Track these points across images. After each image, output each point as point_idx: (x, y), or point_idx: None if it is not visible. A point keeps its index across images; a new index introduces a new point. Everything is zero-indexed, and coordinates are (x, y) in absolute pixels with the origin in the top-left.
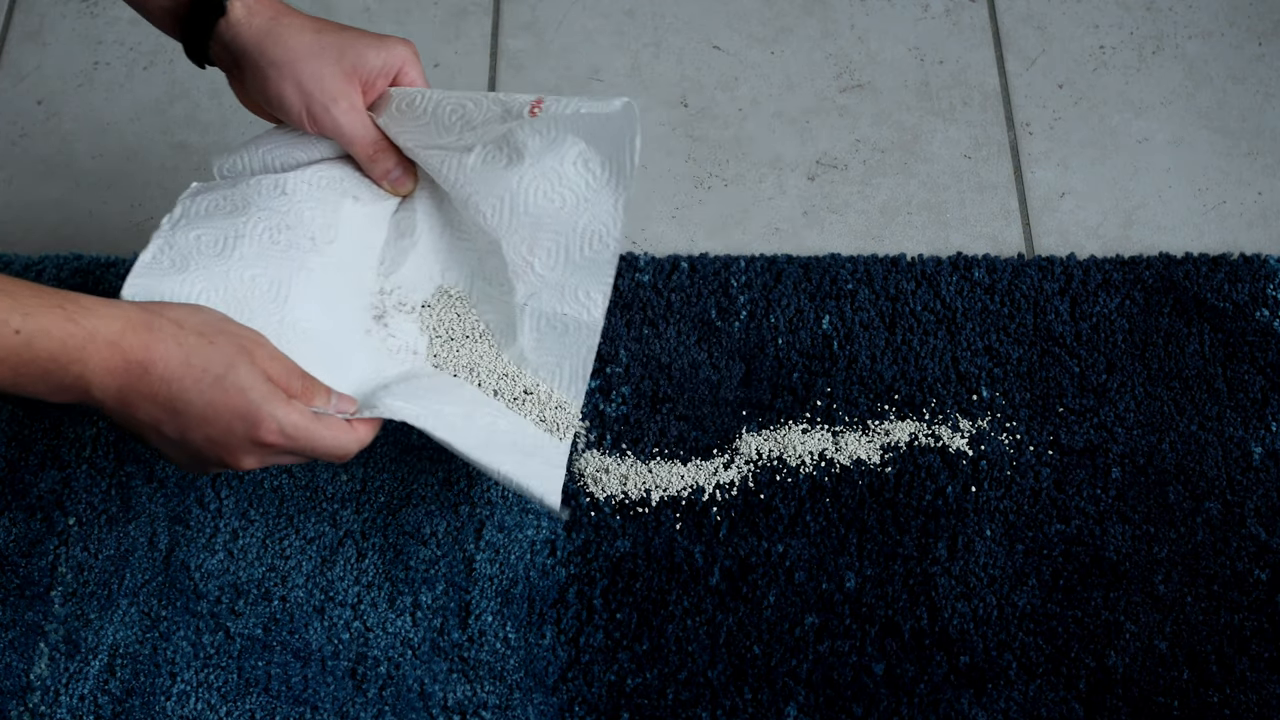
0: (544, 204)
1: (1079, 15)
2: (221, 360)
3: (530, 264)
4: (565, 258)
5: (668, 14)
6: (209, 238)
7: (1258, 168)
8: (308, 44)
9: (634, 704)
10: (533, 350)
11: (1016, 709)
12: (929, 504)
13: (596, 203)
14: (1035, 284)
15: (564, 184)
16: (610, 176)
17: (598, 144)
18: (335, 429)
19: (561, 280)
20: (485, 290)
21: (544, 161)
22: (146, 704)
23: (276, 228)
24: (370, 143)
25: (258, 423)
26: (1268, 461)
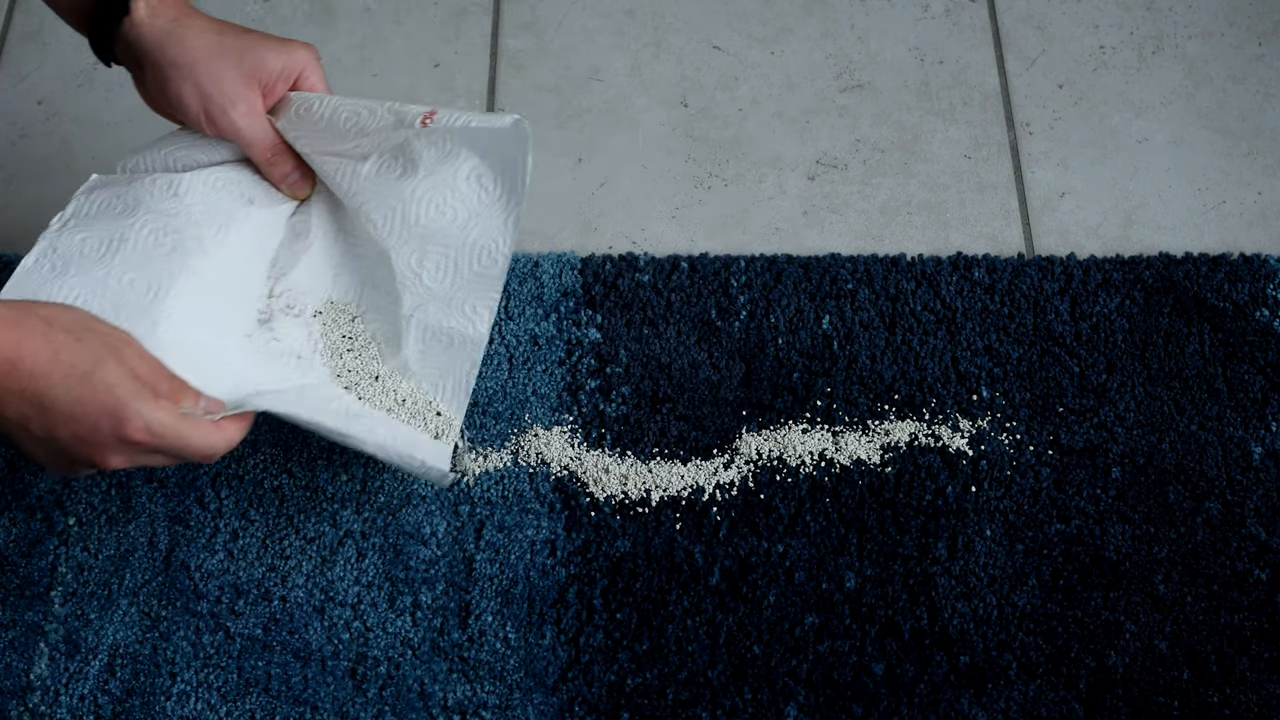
0: (435, 217)
1: (1079, 15)
2: (89, 357)
3: (418, 276)
4: (454, 271)
5: (668, 14)
6: (94, 241)
7: (1258, 168)
8: (208, 45)
9: (634, 704)
10: (417, 362)
11: (1016, 709)
12: (929, 504)
13: (488, 218)
14: (1035, 284)
15: (456, 198)
16: (502, 193)
17: (491, 160)
18: (202, 429)
19: (449, 294)
20: (374, 299)
21: (437, 174)
22: (146, 704)
23: (163, 230)
24: (268, 146)
25: (124, 420)
26: (1268, 461)
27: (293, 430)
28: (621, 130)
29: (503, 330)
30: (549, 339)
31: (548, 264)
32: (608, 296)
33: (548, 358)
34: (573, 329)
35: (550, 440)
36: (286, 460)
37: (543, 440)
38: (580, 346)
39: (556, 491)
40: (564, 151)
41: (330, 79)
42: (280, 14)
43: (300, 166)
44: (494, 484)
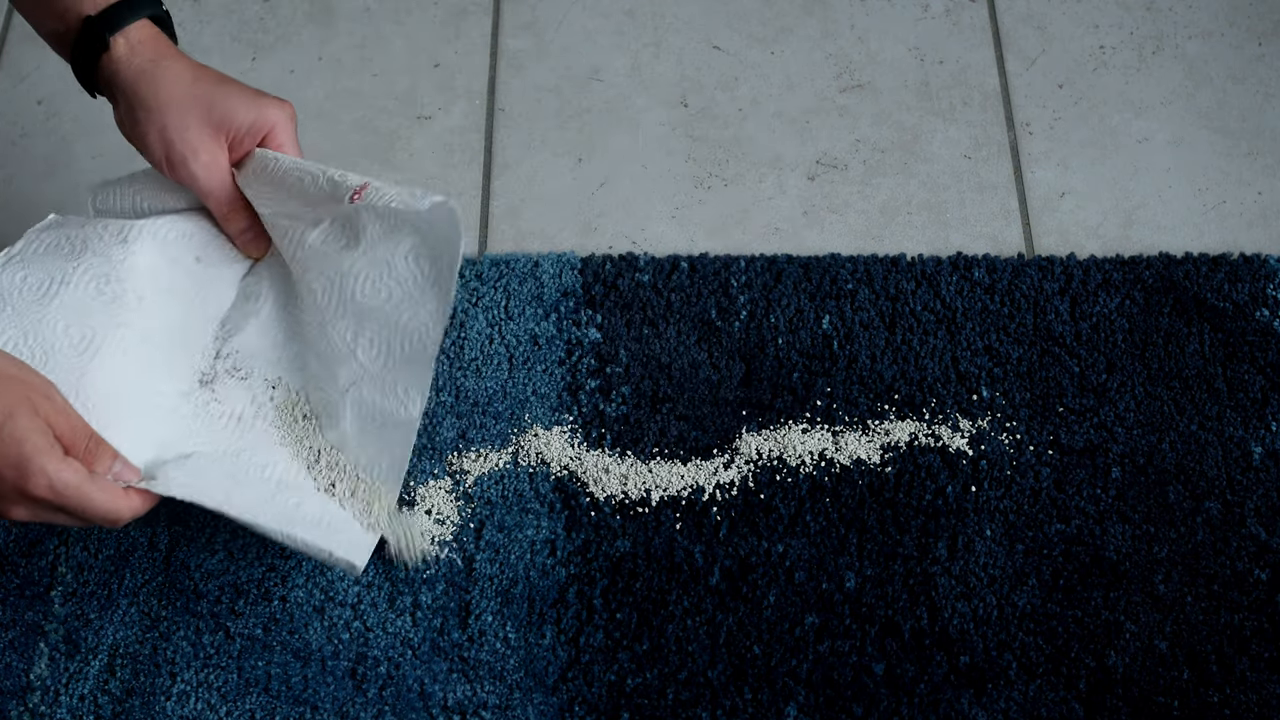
0: (371, 294)
1: (1079, 15)
2: (2, 408)
3: (354, 351)
4: (387, 351)
5: (668, 14)
6: (34, 280)
7: (1258, 168)
8: (179, 92)
9: (634, 704)
10: (354, 437)
11: (1016, 709)
12: (929, 504)
13: (421, 302)
14: (1035, 284)
15: (393, 276)
16: (437, 276)
17: (429, 241)
18: (110, 493)
19: (382, 373)
20: (316, 369)
21: (378, 250)
22: (146, 704)
23: (105, 278)
24: (224, 200)
25: (28, 475)
26: (1268, 461)
27: None
28: (621, 130)
29: (503, 330)
30: (549, 339)
31: (548, 264)
32: (608, 296)
33: (548, 358)
34: (573, 329)
35: (550, 440)
36: None
37: (543, 440)
38: (580, 346)
39: (556, 491)
40: (564, 151)
41: (330, 79)
42: (280, 14)
43: (256, 224)
44: (494, 484)
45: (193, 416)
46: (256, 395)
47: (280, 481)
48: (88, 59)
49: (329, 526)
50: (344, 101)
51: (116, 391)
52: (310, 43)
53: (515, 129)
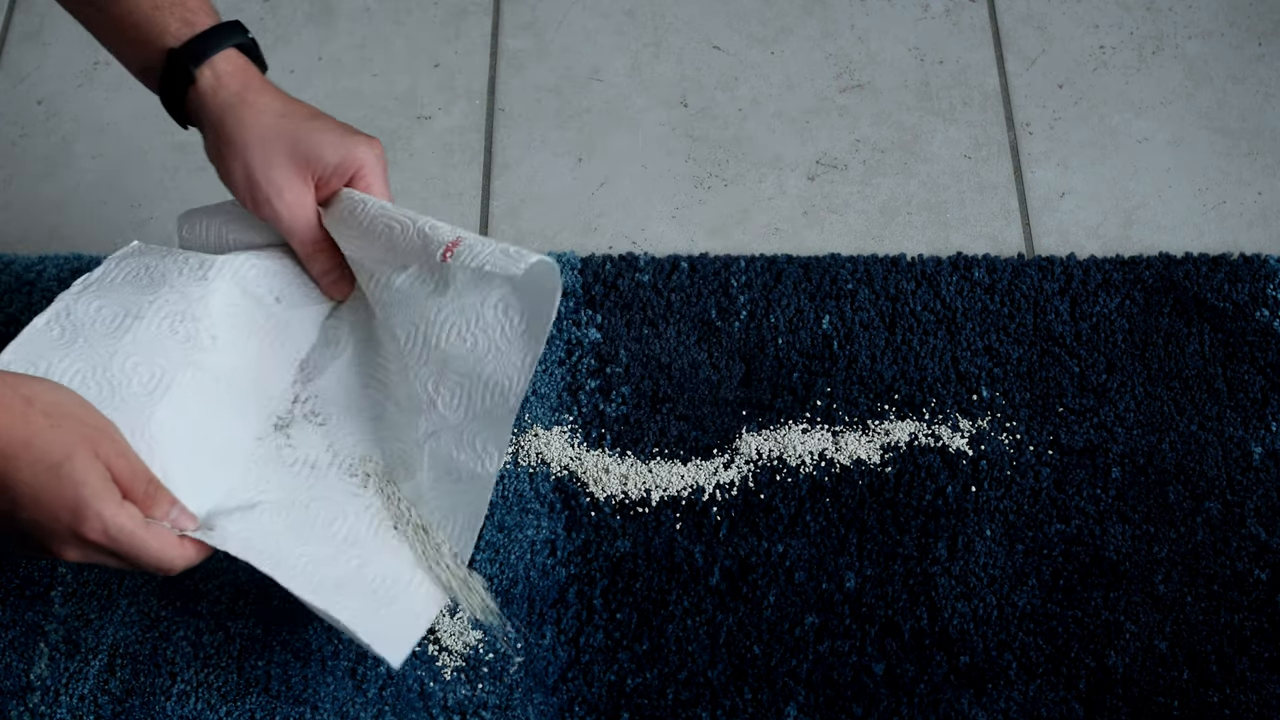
0: (456, 343)
1: (1079, 15)
2: (61, 448)
3: (434, 401)
4: (468, 403)
5: (668, 14)
6: (109, 312)
7: (1258, 168)
8: (265, 128)
9: (634, 704)
10: (430, 489)
11: (1016, 709)
12: (929, 504)
13: (507, 354)
14: (1035, 284)
15: (479, 326)
16: (526, 329)
17: (521, 293)
18: (164, 541)
19: (461, 425)
20: (395, 417)
21: (466, 298)
22: (146, 704)
23: (180, 315)
24: (309, 240)
25: (83, 518)
26: (1268, 461)
27: None
28: (621, 130)
29: None
30: (549, 339)
31: None
32: (608, 296)
33: (548, 358)
34: (573, 329)
35: (550, 440)
36: None
37: (543, 440)
38: (580, 346)
39: (556, 491)
40: (564, 151)
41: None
42: (280, 14)
43: (341, 265)
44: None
45: (264, 462)
46: (334, 443)
47: (347, 538)
48: (175, 92)
49: (386, 595)
50: (344, 101)
51: (184, 434)
52: (310, 43)
53: (515, 129)
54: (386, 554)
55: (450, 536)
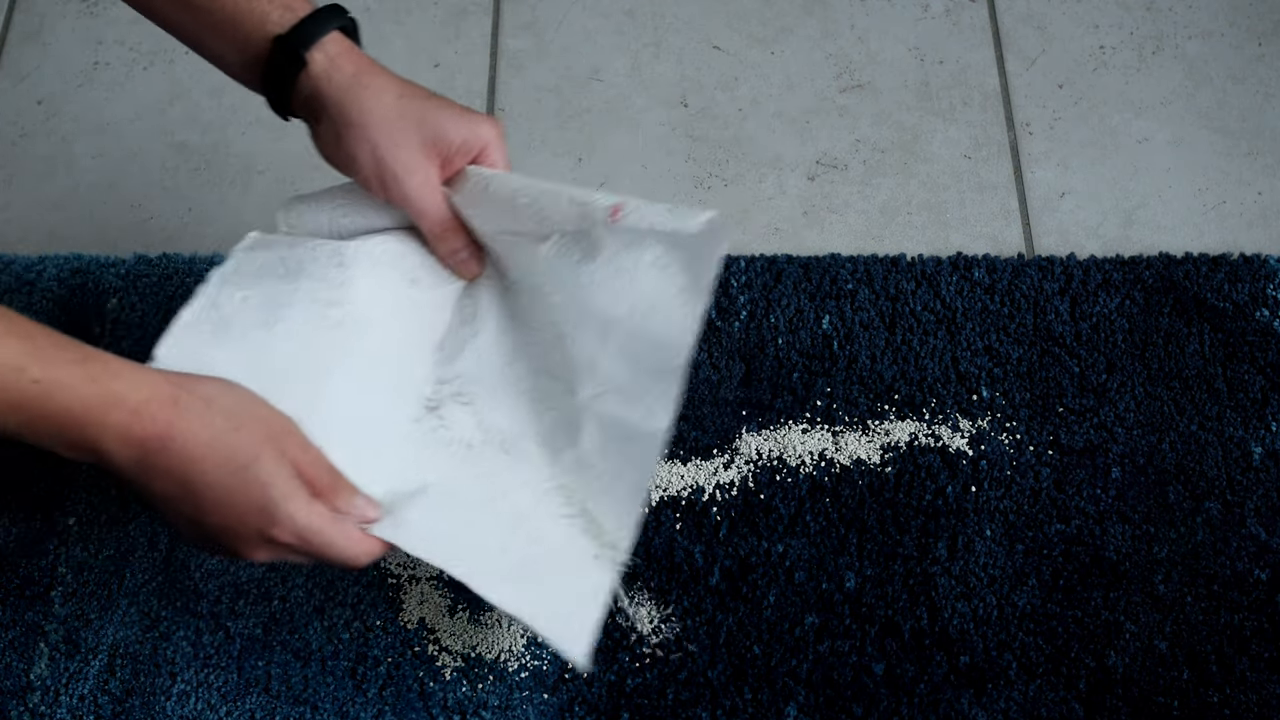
0: (614, 305)
1: (1079, 15)
2: (247, 449)
3: (596, 364)
4: (634, 364)
5: (668, 14)
6: (255, 302)
7: (1258, 168)
8: (388, 108)
9: (634, 704)
10: (592, 455)
11: (1016, 709)
12: (929, 504)
13: (668, 311)
14: (1035, 284)
15: (636, 287)
16: (687, 284)
17: (678, 251)
18: (350, 538)
19: (627, 384)
20: (548, 387)
21: (619, 261)
22: (146, 704)
23: (327, 302)
24: (440, 220)
25: (274, 521)
26: (1268, 461)
27: None
28: (621, 130)
29: None
30: None
31: None
32: None
33: None
34: None
35: None
36: None
37: None
38: None
39: None
40: (564, 151)
41: None
42: None
43: (470, 245)
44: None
45: (423, 444)
46: (483, 420)
47: (516, 513)
48: (282, 81)
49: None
50: None
51: (347, 422)
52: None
53: (515, 129)
54: (553, 530)
55: (615, 499)
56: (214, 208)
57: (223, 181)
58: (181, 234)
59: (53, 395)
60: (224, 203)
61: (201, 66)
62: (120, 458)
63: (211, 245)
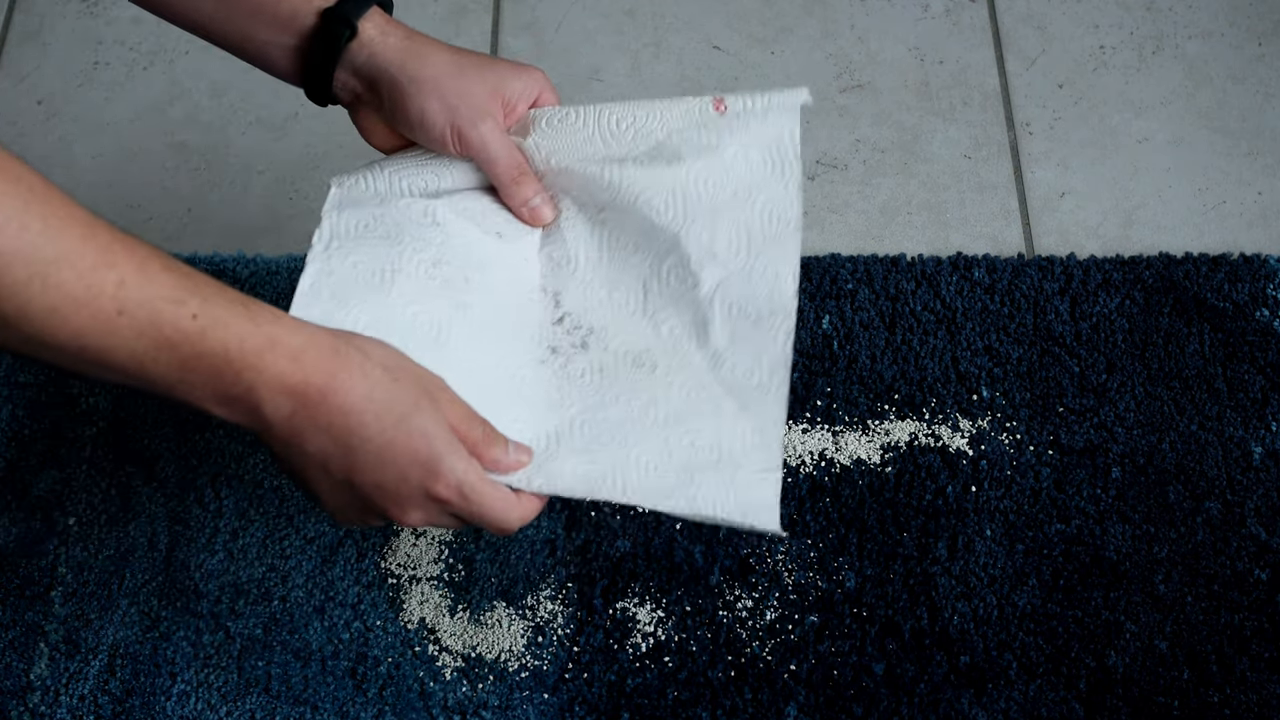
0: (716, 192)
1: (1079, 15)
2: (407, 400)
3: (713, 253)
4: (748, 240)
5: (668, 14)
6: (366, 267)
7: (1258, 168)
8: (450, 63)
9: (634, 704)
10: (727, 346)
11: (1016, 709)
12: (929, 504)
13: (768, 185)
14: (1035, 284)
15: (730, 175)
16: (773, 163)
17: (753, 139)
18: (508, 500)
19: (748, 264)
20: (665, 294)
21: (703, 159)
22: (146, 704)
23: (433, 261)
24: (515, 165)
25: (436, 474)
26: (1268, 461)
27: None
28: None
29: None
30: None
31: None
32: None
33: None
34: None
35: None
36: None
37: None
38: None
39: None
40: None
41: None
42: None
43: (541, 191)
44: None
45: (554, 384)
46: (608, 346)
47: (668, 419)
48: (329, 55)
49: (731, 462)
50: None
51: (478, 375)
52: None
53: None
54: (712, 420)
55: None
56: (214, 208)
57: (222, 181)
58: (181, 234)
59: (211, 332)
60: (224, 203)
61: (201, 67)
62: (275, 409)
63: (211, 245)
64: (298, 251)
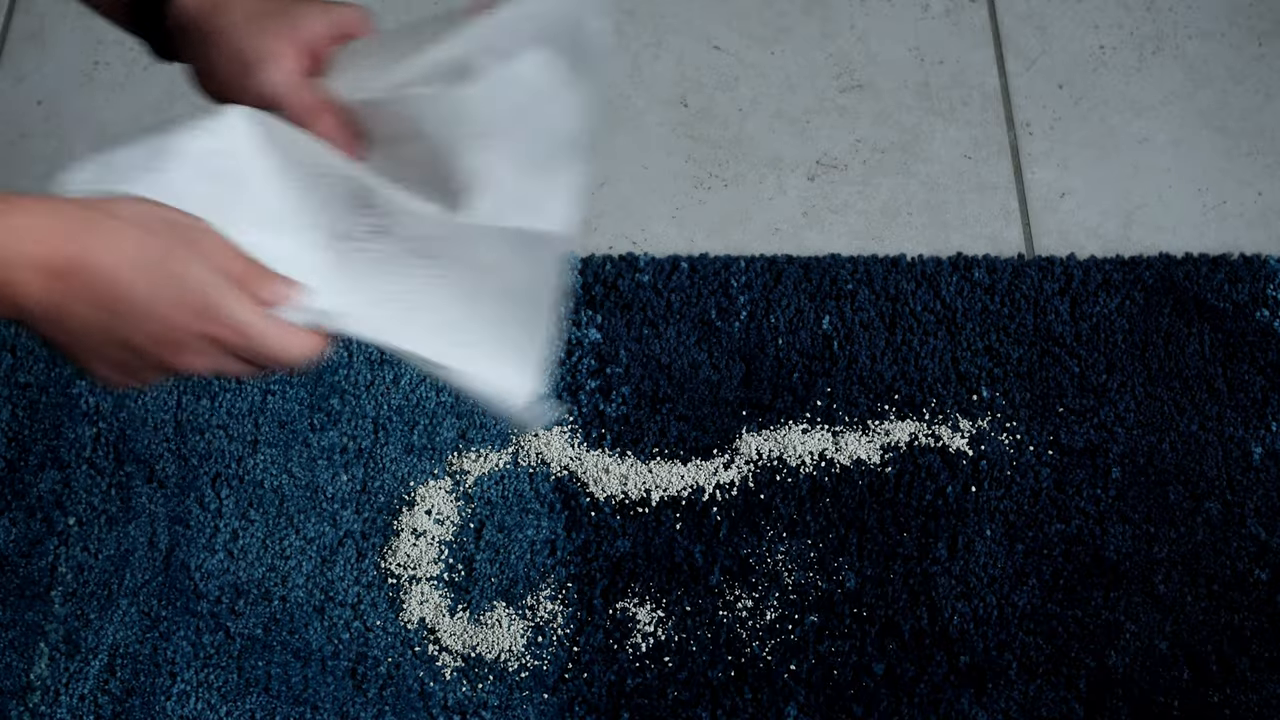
0: (503, 109)
1: (1079, 15)
2: (165, 249)
3: (490, 176)
4: (526, 163)
5: (668, 14)
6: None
7: (1258, 168)
8: (248, 11)
9: (634, 704)
10: (507, 257)
11: (1016, 709)
12: (929, 504)
13: (558, 98)
14: (1035, 284)
15: (523, 87)
16: (573, 71)
17: (556, 46)
18: (287, 333)
19: (523, 189)
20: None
21: (499, 71)
22: (146, 704)
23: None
24: (302, 104)
25: (210, 315)
26: (1268, 461)
27: (293, 431)
28: (621, 130)
29: None
30: None
31: None
32: (608, 297)
33: None
34: (573, 329)
35: (550, 440)
36: (286, 460)
37: (543, 440)
38: (580, 346)
39: (556, 491)
40: None
41: None
42: None
43: (344, 127)
44: (494, 484)
45: (341, 264)
46: (402, 239)
47: (449, 312)
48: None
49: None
50: None
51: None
52: None
53: None
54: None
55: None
56: None
57: None
58: None
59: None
60: None
61: None
62: (36, 290)
63: None
64: None
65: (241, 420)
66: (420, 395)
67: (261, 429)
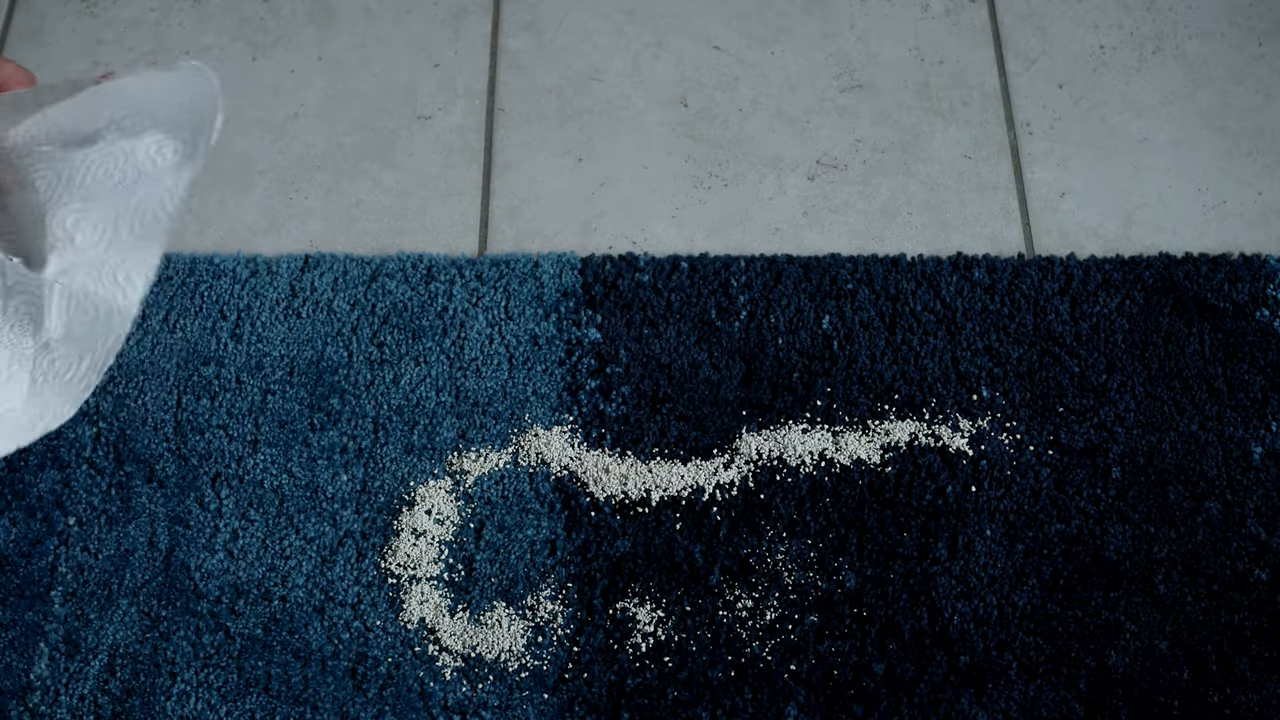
0: (103, 179)
1: (1079, 15)
2: None
3: (71, 238)
4: (113, 234)
5: (668, 14)
6: None
7: (1258, 168)
8: None
9: (634, 704)
10: (58, 338)
11: (1016, 709)
12: (929, 504)
13: (160, 179)
14: (1035, 284)
15: (130, 162)
16: (184, 158)
17: (177, 131)
18: None
19: (102, 259)
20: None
21: (118, 146)
22: (146, 704)
23: None
24: None
25: None
26: (1268, 461)
27: (293, 431)
28: (621, 130)
29: (503, 330)
30: (549, 339)
31: (548, 264)
32: (608, 296)
33: (548, 358)
34: (573, 329)
35: (550, 440)
36: (286, 460)
37: (543, 440)
38: (580, 346)
39: (556, 491)
40: (564, 151)
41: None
42: (281, 14)
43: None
44: (494, 484)
45: None
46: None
47: None
48: None
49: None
50: (344, 101)
51: None
52: (310, 43)
53: (515, 129)
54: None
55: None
56: (214, 208)
57: (223, 181)
58: (181, 234)
59: None
60: (224, 203)
61: None
62: None
63: (211, 245)
64: (298, 251)
65: (241, 420)
66: (420, 395)
67: (261, 429)
